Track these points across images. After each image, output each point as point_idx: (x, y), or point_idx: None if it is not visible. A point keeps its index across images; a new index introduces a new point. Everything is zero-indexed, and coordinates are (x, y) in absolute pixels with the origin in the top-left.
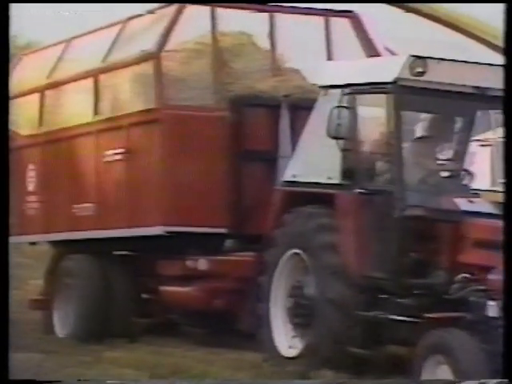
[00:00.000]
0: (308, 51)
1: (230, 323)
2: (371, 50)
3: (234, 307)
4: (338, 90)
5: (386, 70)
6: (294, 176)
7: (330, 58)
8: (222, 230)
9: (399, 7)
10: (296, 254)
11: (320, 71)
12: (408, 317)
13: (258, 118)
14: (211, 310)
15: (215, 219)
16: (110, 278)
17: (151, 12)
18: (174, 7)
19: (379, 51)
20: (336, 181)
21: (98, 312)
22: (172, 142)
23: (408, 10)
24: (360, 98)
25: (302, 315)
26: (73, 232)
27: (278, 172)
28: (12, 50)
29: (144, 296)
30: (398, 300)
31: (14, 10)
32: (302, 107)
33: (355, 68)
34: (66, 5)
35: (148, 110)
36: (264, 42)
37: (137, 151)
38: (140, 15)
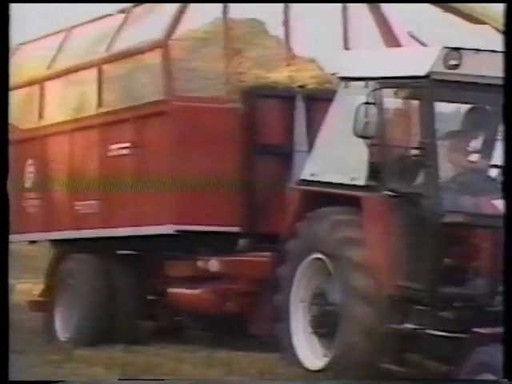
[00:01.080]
0: (324, 39)
1: (242, 326)
2: (391, 38)
3: (248, 310)
4: (361, 83)
5: (418, 62)
6: (313, 175)
7: (347, 46)
8: (235, 229)
9: (438, 6)
10: (317, 259)
11: (340, 61)
12: (448, 331)
13: (272, 110)
14: (222, 313)
15: (227, 217)
16: (115, 279)
17: None
18: None
19: (399, 39)
20: (361, 182)
21: (101, 315)
22: (181, 135)
23: (446, 10)
24: (388, 92)
25: (326, 325)
26: (75, 230)
27: (293, 167)
28: None
29: (150, 298)
30: (436, 312)
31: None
32: (318, 98)
33: (381, 59)
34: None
35: (155, 102)
36: (278, 30)
37: (144, 145)
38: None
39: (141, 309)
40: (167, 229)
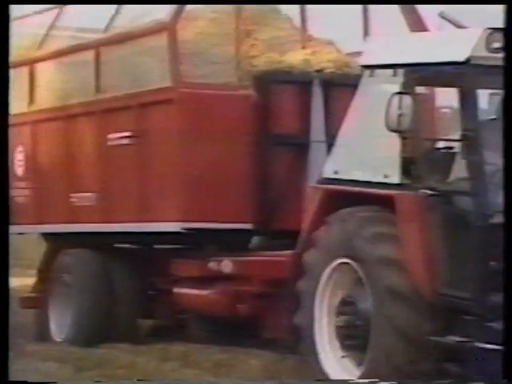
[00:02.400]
0: (343, 18)
1: (253, 329)
2: (415, 21)
3: (261, 313)
4: (388, 71)
5: (457, 47)
6: (337, 172)
7: (367, 27)
8: (247, 226)
9: None
10: (344, 263)
11: (365, 48)
12: (499, 344)
13: (287, 97)
14: (233, 316)
15: (239, 213)
16: (114, 275)
17: None
18: None
19: (424, 21)
20: (396, 180)
21: (99, 313)
22: (189, 125)
23: None
24: (422, 80)
25: (355, 337)
26: (71, 224)
27: (310, 158)
28: None
29: (151, 295)
30: (484, 323)
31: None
32: (336, 84)
33: (412, 44)
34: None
35: (161, 89)
36: (292, 9)
37: (147, 135)
38: None
39: (142, 307)
40: (174, 226)
